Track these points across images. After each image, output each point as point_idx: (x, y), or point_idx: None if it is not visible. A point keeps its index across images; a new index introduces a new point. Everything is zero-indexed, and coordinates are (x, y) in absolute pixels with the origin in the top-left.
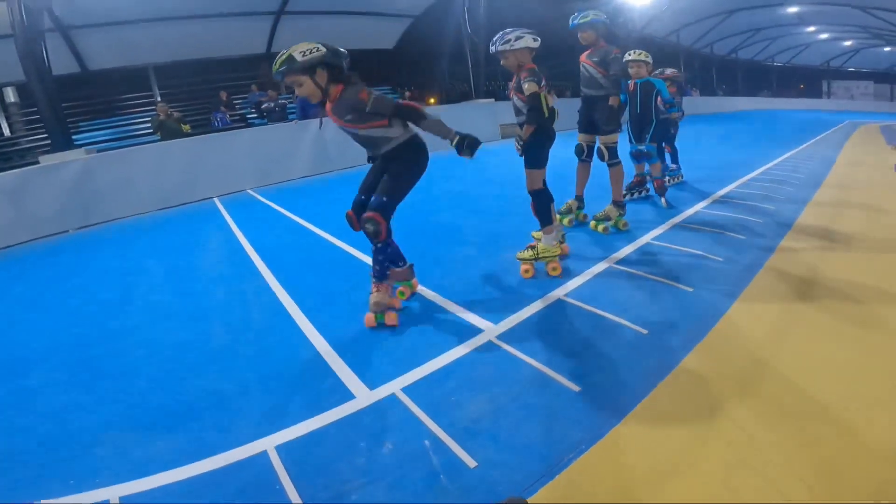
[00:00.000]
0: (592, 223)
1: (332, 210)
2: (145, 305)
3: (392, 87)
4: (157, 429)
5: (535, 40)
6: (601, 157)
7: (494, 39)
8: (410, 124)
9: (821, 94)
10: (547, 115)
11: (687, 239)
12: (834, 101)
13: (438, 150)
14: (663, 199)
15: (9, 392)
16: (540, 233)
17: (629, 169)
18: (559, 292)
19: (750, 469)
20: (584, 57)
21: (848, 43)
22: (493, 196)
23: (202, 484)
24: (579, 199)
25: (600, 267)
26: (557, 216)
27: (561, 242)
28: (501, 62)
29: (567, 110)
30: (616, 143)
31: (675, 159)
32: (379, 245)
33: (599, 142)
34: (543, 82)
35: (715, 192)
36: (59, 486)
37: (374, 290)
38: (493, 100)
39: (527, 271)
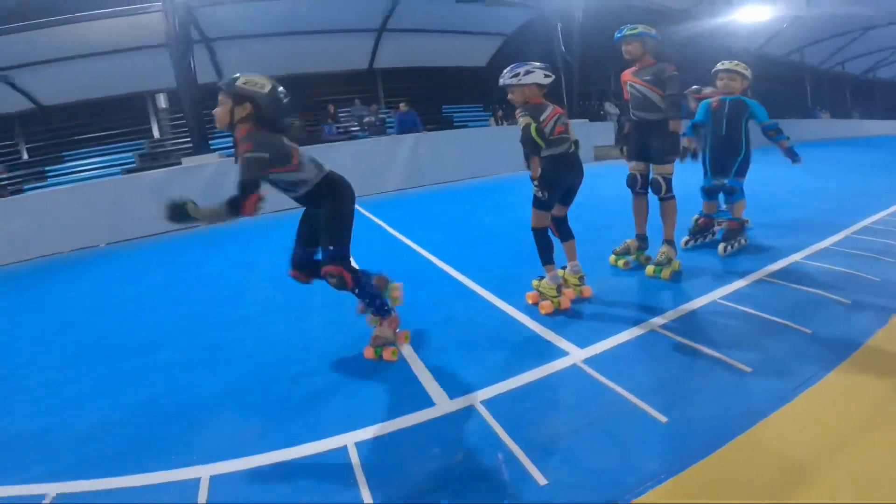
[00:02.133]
0: (650, 268)
1: (425, 224)
2: (258, 298)
3: (484, 106)
4: (253, 413)
5: (546, 76)
6: (655, 190)
7: (504, 72)
8: (321, 164)
9: None
10: (558, 151)
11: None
12: None
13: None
14: (724, 246)
15: (142, 366)
16: (562, 271)
17: (697, 206)
18: (654, 323)
19: None
20: (629, 75)
21: None
22: (575, 218)
23: (285, 470)
24: (640, 237)
25: (701, 301)
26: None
27: (578, 285)
28: (508, 96)
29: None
30: (672, 173)
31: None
32: (355, 292)
33: (654, 172)
34: (556, 118)
35: (820, 239)
36: (163, 458)
37: (378, 323)
38: (587, 120)
39: (530, 296)
